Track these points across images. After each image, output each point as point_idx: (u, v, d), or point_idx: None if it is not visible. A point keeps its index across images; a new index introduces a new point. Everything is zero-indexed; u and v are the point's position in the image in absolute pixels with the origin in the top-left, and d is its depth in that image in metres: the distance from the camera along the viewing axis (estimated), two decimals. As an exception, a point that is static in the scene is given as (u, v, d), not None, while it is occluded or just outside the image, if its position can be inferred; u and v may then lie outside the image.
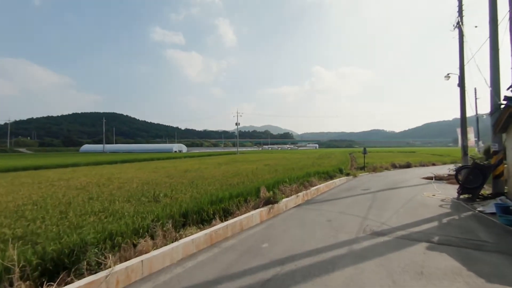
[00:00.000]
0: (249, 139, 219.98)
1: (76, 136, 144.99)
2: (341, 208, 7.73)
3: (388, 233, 5.34)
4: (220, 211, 5.65)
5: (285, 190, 7.70)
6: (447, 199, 8.75)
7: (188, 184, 9.60)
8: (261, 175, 11.96)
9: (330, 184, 11.22)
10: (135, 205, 6.05)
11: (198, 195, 7.11)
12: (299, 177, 10.12)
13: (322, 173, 12.04)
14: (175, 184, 9.68)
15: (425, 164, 23.01)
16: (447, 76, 12.45)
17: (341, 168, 14.36)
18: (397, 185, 12.46)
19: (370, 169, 18.59)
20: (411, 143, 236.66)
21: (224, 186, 8.99)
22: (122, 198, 6.95)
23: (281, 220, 6.47)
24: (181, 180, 10.76)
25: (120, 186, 9.25)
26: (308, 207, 7.89)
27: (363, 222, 6.20)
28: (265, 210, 6.23)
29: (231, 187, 8.50)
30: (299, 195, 8.09)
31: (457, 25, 10.88)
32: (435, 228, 5.75)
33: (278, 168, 15.68)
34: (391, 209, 7.58)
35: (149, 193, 7.61)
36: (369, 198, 9.33)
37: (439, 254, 4.26)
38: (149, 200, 6.77)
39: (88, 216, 5.06)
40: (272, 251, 4.44)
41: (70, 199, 6.95)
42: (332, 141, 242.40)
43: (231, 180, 10.39)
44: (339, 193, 10.36)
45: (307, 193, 8.81)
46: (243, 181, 10.13)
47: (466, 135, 11.53)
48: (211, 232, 4.67)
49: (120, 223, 4.25)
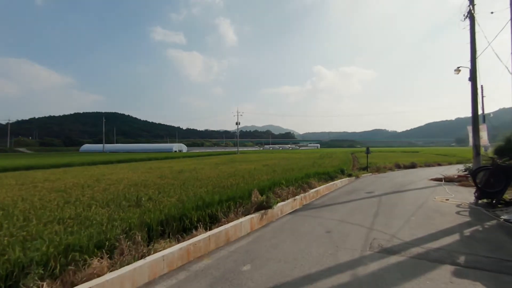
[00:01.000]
0: (251, 139, 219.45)
1: (77, 136, 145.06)
2: (343, 215, 6.93)
3: (400, 250, 4.43)
4: (206, 218, 5.02)
5: (281, 193, 7.03)
6: (464, 205, 7.90)
7: (179, 185, 8.98)
8: (258, 176, 11.32)
9: (331, 186, 10.56)
10: (113, 211, 5.42)
11: (185, 198, 6.49)
12: (298, 178, 9.47)
13: (322, 174, 11.38)
14: (165, 185, 9.06)
15: (431, 164, 22.28)
16: (457, 69, 11.69)
17: (342, 169, 13.67)
18: (404, 187, 11.70)
19: (374, 170, 17.86)
20: (413, 143, 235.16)
21: (216, 188, 8.37)
22: (102, 202, 6.33)
23: (272, 230, 5.68)
24: (172, 182, 10.14)
25: (106, 188, 8.64)
26: (305, 214, 7.13)
27: (369, 234, 5.35)
28: (256, 217, 5.60)
29: (223, 189, 7.87)
30: (296, 198, 7.43)
31: (467, 15, 10.16)
32: (458, 243, 4.82)
33: (277, 169, 15.03)
34: (401, 217, 6.74)
35: (133, 196, 6.99)
36: (374, 203, 8.54)
37: (472, 285, 3.33)
38: (131, 204, 6.14)
39: (53, 224, 4.44)
40: (253, 277, 3.56)
41: (45, 203, 6.35)
42: (334, 141, 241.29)
43: (225, 182, 9.77)
44: (340, 197, 9.65)
45: (306, 196, 8.17)
46: (237, 183, 9.50)
47: (478, 134, 10.78)
48: (188, 245, 3.93)
49: (83, 234, 3.62)
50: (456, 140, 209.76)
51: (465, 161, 25.34)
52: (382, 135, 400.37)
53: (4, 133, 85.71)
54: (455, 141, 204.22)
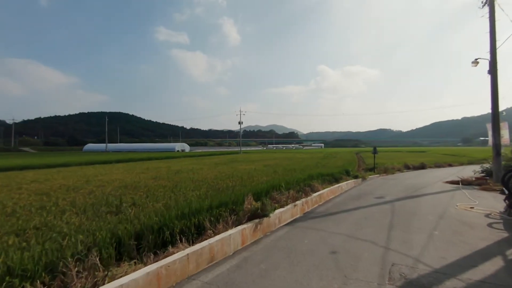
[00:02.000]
0: (254, 139, 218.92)
1: (81, 136, 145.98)
2: (350, 227, 5.80)
3: (431, 284, 3.28)
4: (192, 229, 4.32)
5: (280, 199, 6.25)
6: (494, 215, 6.72)
7: (170, 188, 8.32)
8: (257, 178, 10.62)
9: (336, 190, 9.75)
10: (87, 219, 4.77)
11: (173, 204, 5.82)
12: (299, 180, 8.73)
13: (326, 176, 10.61)
14: (156, 188, 8.41)
15: (441, 165, 21.23)
16: (475, 62, 10.72)
17: (348, 170, 12.84)
18: (418, 191, 10.61)
19: (381, 171, 16.79)
20: (419, 142, 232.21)
21: (210, 191, 7.69)
22: (80, 207, 5.68)
23: (264, 248, 4.63)
24: (165, 183, 9.49)
25: (92, 191, 8.01)
26: (306, 225, 6.05)
27: (386, 256, 4.23)
28: (249, 228, 4.81)
29: (218, 192, 7.19)
30: (297, 204, 6.63)
31: (486, 2, 9.31)
32: (504, 271, 3.67)
33: (278, 169, 14.30)
34: (422, 230, 5.55)
35: (117, 200, 6.34)
36: (387, 211, 7.42)
37: None
38: (110, 210, 5.48)
39: (10, 237, 3.79)
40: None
41: (18, 208, 5.73)
42: (338, 141, 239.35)
43: (221, 184, 9.10)
44: (346, 202, 8.65)
45: (308, 202, 7.36)
46: (234, 185, 8.82)
47: (499, 132, 9.89)
48: (159, 269, 3.02)
49: (29, 253, 2.95)
50: (462, 140, 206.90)
51: (477, 161, 24.24)
52: (387, 135, 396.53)
53: (10, 133, 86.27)
54: (462, 141, 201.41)
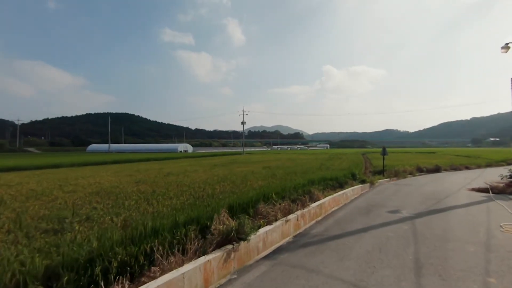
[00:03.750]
0: (259, 139, 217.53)
1: (88, 136, 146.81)
2: (358, 267, 3.93)
3: None
4: (141, 258, 3.15)
5: (269, 212, 4.95)
6: None
7: (148, 195, 7.19)
8: (253, 182, 9.45)
9: (339, 198, 8.28)
10: (12, 242, 3.65)
11: (139, 217, 4.68)
12: (298, 186, 7.50)
13: (329, 180, 9.33)
14: (131, 194, 7.30)
15: (457, 167, 19.20)
16: (505, 47, 9.29)
17: (354, 173, 11.42)
18: (441, 202, 8.56)
19: (391, 174, 14.87)
20: (427, 143, 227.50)
21: (192, 199, 6.55)
22: (19, 223, 4.56)
23: None
24: (145, 188, 8.39)
25: (56, 198, 6.93)
26: (294, 261, 4.18)
27: None
28: (216, 259, 3.45)
29: (200, 202, 6.03)
30: (290, 219, 5.21)
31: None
32: None
33: (278, 172, 13.08)
34: (467, 274, 3.68)
35: (70, 212, 5.23)
36: (407, 234, 5.38)
37: None
38: (53, 227, 4.36)
39: None
40: None
41: None
42: (344, 141, 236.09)
43: (208, 189, 7.95)
44: (352, 219, 6.73)
45: (304, 215, 5.94)
46: (224, 190, 7.67)
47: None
48: None
49: None
50: (472, 140, 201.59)
51: (495, 163, 22.60)
52: (394, 136, 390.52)
53: (20, 134, 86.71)
54: (471, 142, 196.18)
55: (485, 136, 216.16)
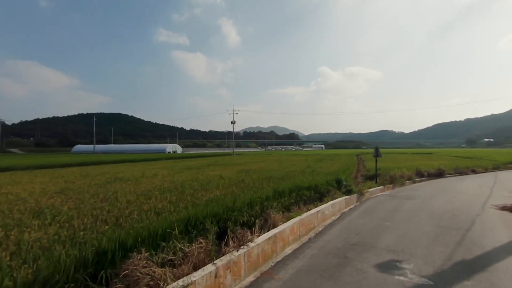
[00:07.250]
0: (255, 140, 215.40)
1: (78, 137, 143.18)
2: None
3: None
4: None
5: (175, 262, 2.66)
6: None
7: (34, 214, 4.96)
8: (208, 192, 7.25)
9: (309, 221, 5.61)
10: None
11: None
12: (255, 201, 5.33)
13: (306, 189, 7.15)
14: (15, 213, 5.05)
15: (462, 171, 16.80)
16: None
17: (339, 180, 9.19)
18: (467, 236, 5.34)
19: (386, 180, 12.07)
20: (422, 144, 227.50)
21: (100, 222, 4.34)
22: None
23: None
24: (55, 202, 6.15)
25: None
26: None
27: None
28: None
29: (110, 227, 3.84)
30: None
31: None
32: None
33: (252, 177, 10.95)
34: None
35: None
36: None
37: None
38: None
39: None
40: None
41: None
42: (340, 142, 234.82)
43: (135, 206, 5.73)
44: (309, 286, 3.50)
45: (234, 264, 3.38)
46: (151, 208, 5.44)
47: None
48: None
49: None
50: (467, 141, 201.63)
51: (503, 166, 20.54)
52: (389, 136, 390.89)
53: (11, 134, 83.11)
54: (466, 142, 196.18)
55: (480, 137, 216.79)
